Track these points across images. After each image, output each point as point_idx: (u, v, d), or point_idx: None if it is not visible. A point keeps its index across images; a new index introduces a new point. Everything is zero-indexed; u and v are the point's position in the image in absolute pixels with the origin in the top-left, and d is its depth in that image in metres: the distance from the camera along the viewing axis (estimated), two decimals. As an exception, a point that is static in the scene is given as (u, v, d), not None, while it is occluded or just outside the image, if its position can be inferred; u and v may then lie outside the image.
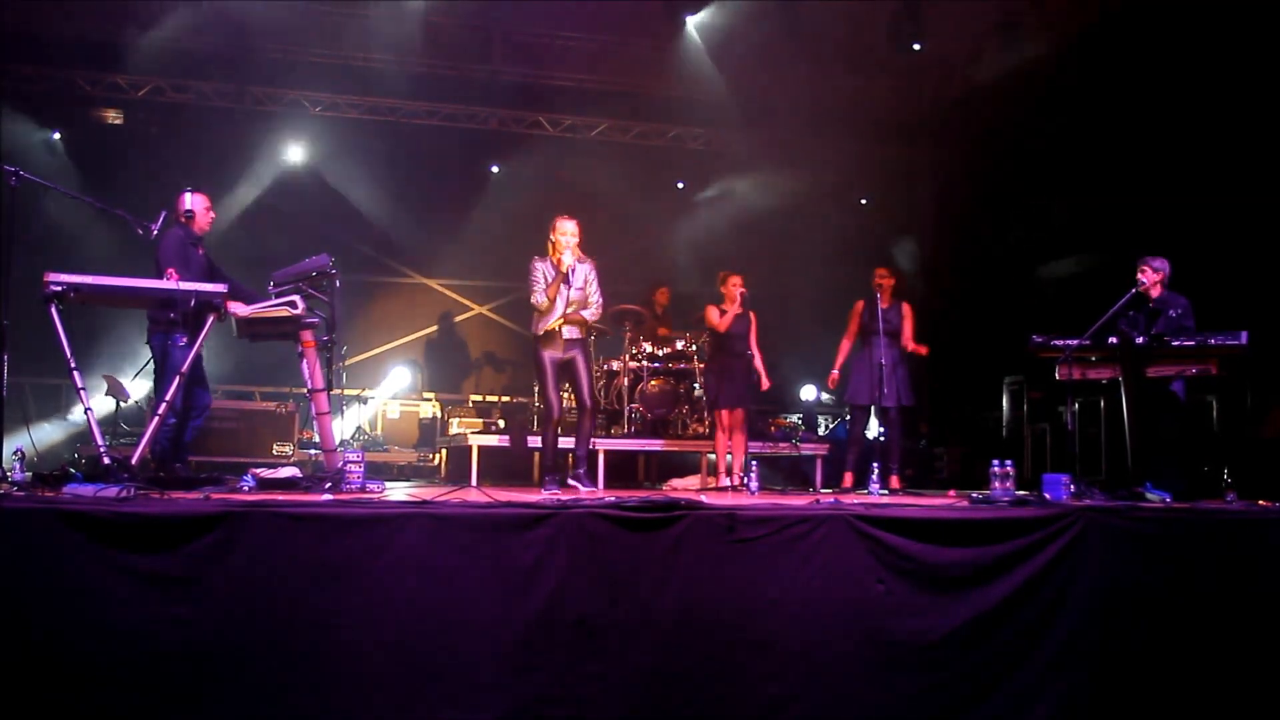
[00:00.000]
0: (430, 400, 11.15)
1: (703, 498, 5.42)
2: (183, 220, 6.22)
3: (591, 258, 6.59)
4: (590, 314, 6.60)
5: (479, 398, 11.28)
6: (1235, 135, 7.51)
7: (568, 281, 6.44)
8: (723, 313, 7.55)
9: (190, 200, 6.27)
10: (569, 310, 6.46)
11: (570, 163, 11.10)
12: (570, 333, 6.51)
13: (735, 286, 7.56)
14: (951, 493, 6.68)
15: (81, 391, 5.23)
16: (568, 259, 6.39)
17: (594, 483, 6.85)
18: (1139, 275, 6.54)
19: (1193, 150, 7.78)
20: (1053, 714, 4.86)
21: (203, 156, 9.97)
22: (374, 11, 9.71)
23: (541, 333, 6.46)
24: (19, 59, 9.42)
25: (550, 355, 6.48)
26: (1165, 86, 7.96)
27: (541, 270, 6.48)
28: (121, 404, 8.16)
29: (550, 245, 6.48)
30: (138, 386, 7.90)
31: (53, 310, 5.10)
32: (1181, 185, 7.85)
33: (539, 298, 6.43)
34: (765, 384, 7.63)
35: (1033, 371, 7.53)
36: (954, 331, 10.18)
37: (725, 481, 7.58)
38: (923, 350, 7.68)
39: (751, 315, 7.63)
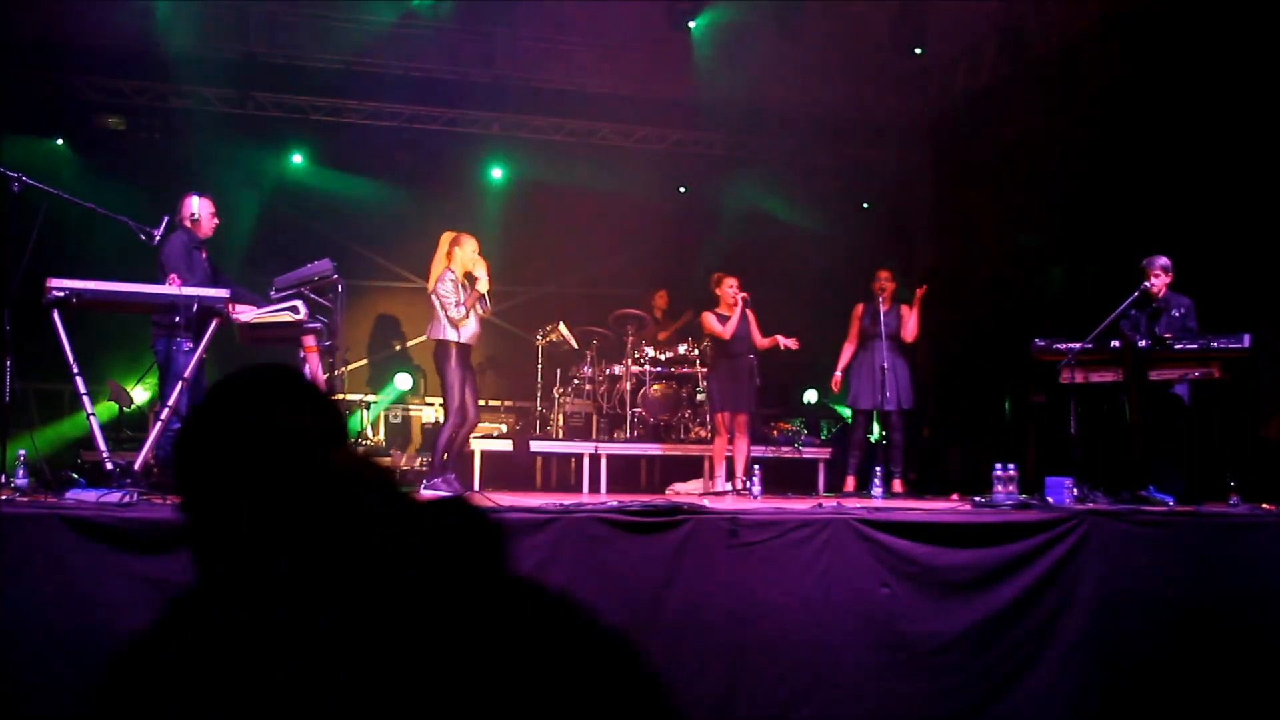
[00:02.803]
0: (433, 405, 11.15)
1: (705, 502, 5.43)
2: (187, 225, 6.23)
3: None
4: None
5: (482, 402, 11.26)
6: (1241, 134, 7.50)
7: (484, 300, 6.84)
8: (723, 318, 7.55)
9: (195, 204, 6.28)
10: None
11: (572, 167, 11.10)
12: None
13: (731, 289, 7.55)
14: (954, 496, 6.67)
15: (84, 397, 5.24)
16: (485, 283, 6.82)
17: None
18: (1151, 276, 6.51)
19: (1198, 150, 7.77)
20: (1062, 717, 4.85)
21: (205, 161, 9.97)
22: (376, 15, 9.72)
23: (461, 342, 6.74)
24: (21, 64, 9.44)
25: (462, 363, 6.78)
26: (1169, 86, 7.95)
27: (453, 282, 6.74)
28: (124, 409, 8.17)
29: (450, 258, 6.82)
30: (141, 392, 7.91)
31: (55, 316, 5.11)
32: (1187, 185, 7.84)
33: (458, 310, 6.70)
34: (794, 344, 7.67)
35: (1035, 374, 7.51)
36: (957, 334, 10.17)
37: (722, 485, 7.59)
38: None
39: (749, 313, 7.61)
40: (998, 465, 5.63)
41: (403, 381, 11.33)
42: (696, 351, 9.08)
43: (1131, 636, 5.00)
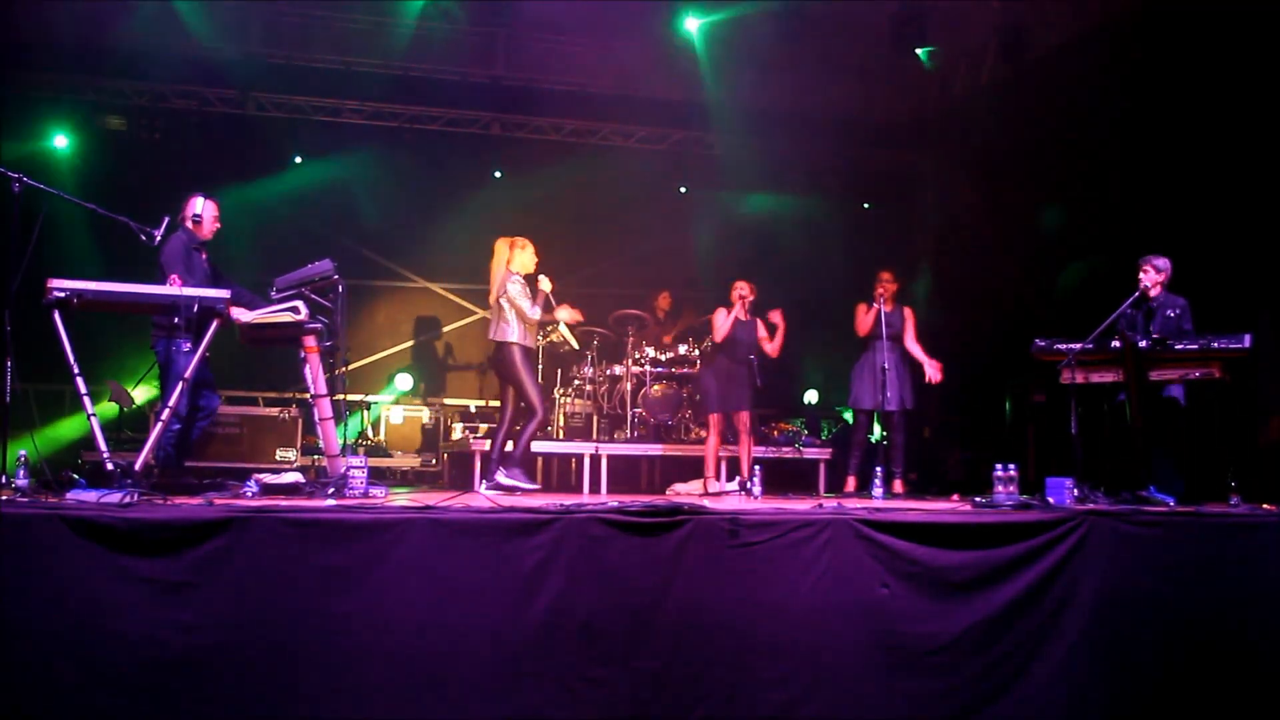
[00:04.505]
0: (433, 405, 11.15)
1: (706, 502, 5.43)
2: (188, 225, 6.22)
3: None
4: None
5: (482, 402, 11.29)
6: (1241, 133, 7.50)
7: (550, 300, 6.94)
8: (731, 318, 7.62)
9: (200, 205, 6.26)
10: None
11: (572, 167, 11.10)
12: None
13: (735, 290, 7.61)
14: (955, 496, 6.67)
15: (85, 397, 5.23)
16: (548, 283, 6.94)
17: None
18: (1140, 275, 6.55)
19: (1199, 149, 7.77)
20: (1062, 717, 4.85)
21: (206, 162, 9.98)
22: (376, 16, 9.72)
23: (526, 344, 6.84)
24: (22, 65, 9.44)
25: (527, 362, 6.89)
26: (1169, 85, 7.95)
27: (522, 284, 6.84)
28: (125, 410, 8.17)
29: (510, 262, 6.92)
30: (142, 392, 7.91)
31: (56, 316, 5.11)
32: (1188, 184, 7.84)
33: (535, 310, 6.82)
34: (774, 345, 7.70)
35: (1036, 375, 7.53)
36: (957, 335, 10.16)
37: (714, 485, 7.61)
38: (936, 375, 7.73)
39: (759, 321, 7.67)
40: (998, 465, 5.63)
41: (403, 382, 11.33)
42: (697, 352, 9.08)
43: (1132, 636, 5.00)
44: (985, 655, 4.84)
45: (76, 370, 5.15)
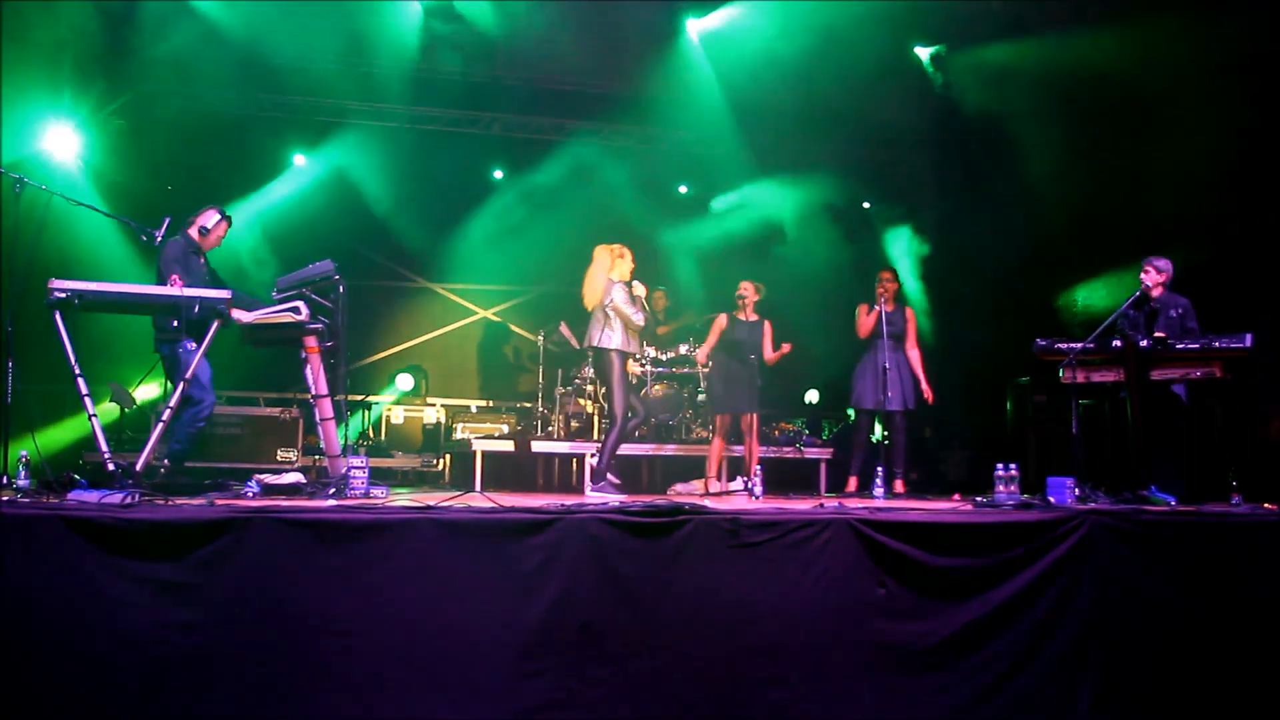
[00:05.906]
0: (435, 405, 11.15)
1: (707, 502, 5.43)
2: (192, 234, 6.22)
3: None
4: None
5: (484, 403, 11.28)
6: (1244, 131, 7.49)
7: (645, 306, 7.06)
8: (733, 320, 7.63)
9: (214, 221, 6.30)
10: None
11: (572, 167, 11.10)
12: None
13: (739, 293, 7.64)
14: (956, 496, 6.67)
15: (86, 398, 5.24)
16: (641, 288, 7.05)
17: None
18: (1142, 275, 6.56)
19: (1200, 147, 7.76)
20: (1058, 717, 4.85)
21: (207, 163, 9.97)
22: (378, 16, 9.71)
23: (627, 351, 6.97)
24: (23, 64, 9.42)
25: (624, 369, 6.99)
26: (1169, 84, 7.94)
27: (627, 292, 6.94)
28: (125, 410, 8.17)
29: (614, 267, 7.05)
30: (149, 389, 7.92)
31: (57, 317, 5.12)
32: (1188, 183, 7.83)
33: (640, 317, 6.96)
34: (772, 354, 7.65)
35: (1037, 374, 7.52)
36: (958, 334, 10.16)
37: (715, 485, 7.61)
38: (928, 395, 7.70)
39: (766, 324, 7.68)
40: (999, 465, 5.63)
41: (404, 382, 11.32)
42: (698, 352, 9.08)
43: (1132, 635, 5.00)
44: (983, 654, 4.84)
45: (77, 371, 5.17)
